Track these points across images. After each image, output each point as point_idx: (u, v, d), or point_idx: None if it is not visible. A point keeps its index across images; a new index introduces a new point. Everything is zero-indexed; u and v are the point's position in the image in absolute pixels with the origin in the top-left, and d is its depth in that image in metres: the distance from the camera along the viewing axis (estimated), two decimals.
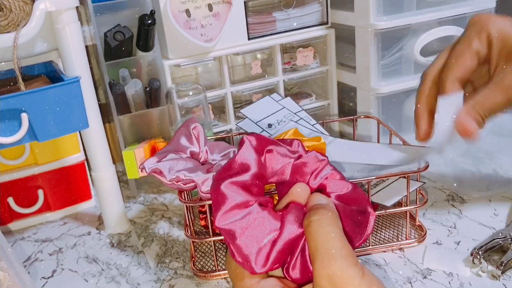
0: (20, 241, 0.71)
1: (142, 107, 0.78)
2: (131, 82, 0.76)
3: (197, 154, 0.58)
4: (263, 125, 0.67)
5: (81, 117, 0.59)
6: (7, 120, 0.54)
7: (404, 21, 0.77)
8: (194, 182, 0.53)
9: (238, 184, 0.41)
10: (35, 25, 0.57)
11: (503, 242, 0.54)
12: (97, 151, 0.66)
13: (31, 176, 0.73)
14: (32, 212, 0.74)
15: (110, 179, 0.68)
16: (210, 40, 0.75)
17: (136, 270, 0.61)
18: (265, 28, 0.80)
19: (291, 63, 0.86)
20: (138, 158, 0.66)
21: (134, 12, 0.74)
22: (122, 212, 0.70)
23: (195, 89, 0.74)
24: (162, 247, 0.65)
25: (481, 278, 0.52)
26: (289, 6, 0.80)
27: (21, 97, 0.54)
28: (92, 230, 0.71)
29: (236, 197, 0.40)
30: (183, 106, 0.74)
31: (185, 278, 0.58)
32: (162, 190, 0.81)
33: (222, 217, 0.39)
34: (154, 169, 0.54)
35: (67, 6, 0.58)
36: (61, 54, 0.61)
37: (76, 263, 0.64)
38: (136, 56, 0.77)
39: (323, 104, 0.90)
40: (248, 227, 0.39)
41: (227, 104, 0.83)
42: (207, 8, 0.74)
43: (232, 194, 0.40)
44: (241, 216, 0.39)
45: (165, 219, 0.72)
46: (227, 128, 0.84)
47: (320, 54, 0.87)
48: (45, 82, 0.63)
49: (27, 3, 0.57)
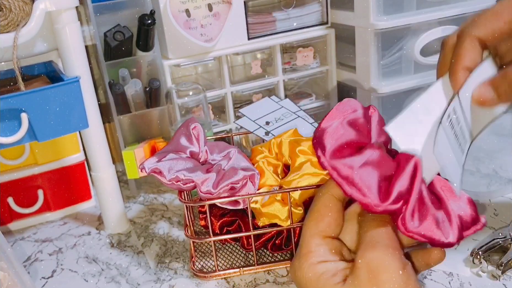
0: (20, 241, 0.71)
1: (142, 107, 0.77)
2: (131, 82, 0.76)
3: (197, 154, 0.58)
4: (261, 122, 0.67)
5: (81, 117, 0.59)
6: (7, 120, 0.54)
7: (404, 21, 0.77)
8: (194, 182, 0.53)
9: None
10: (34, 25, 0.57)
11: (503, 242, 0.54)
12: (97, 151, 0.66)
13: (31, 176, 0.73)
14: (32, 212, 0.74)
15: (110, 179, 0.68)
16: (210, 40, 0.75)
17: (136, 270, 0.61)
18: (265, 28, 0.80)
19: (291, 63, 0.86)
20: (138, 158, 0.66)
21: (134, 12, 0.74)
22: (122, 212, 0.70)
23: (195, 89, 0.74)
24: (162, 247, 0.65)
25: (481, 278, 0.52)
26: (289, 6, 0.80)
27: (21, 97, 0.54)
28: (92, 230, 0.71)
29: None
30: (183, 106, 0.74)
31: (185, 278, 0.58)
32: (162, 190, 0.81)
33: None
34: (153, 169, 0.54)
35: (67, 6, 0.58)
36: (61, 54, 0.61)
37: (76, 263, 0.64)
38: (136, 56, 0.77)
39: (323, 104, 0.90)
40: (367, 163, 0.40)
41: (227, 104, 0.83)
42: (207, 8, 0.74)
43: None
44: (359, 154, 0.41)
45: (165, 219, 0.72)
46: (227, 128, 0.84)
47: (320, 54, 0.87)
48: (45, 82, 0.63)
49: (27, 3, 0.57)
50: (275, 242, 0.59)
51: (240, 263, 0.59)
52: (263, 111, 0.69)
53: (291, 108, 0.70)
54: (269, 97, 0.72)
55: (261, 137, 0.65)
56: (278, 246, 0.59)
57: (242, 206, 0.54)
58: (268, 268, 0.58)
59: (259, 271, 0.58)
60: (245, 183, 0.54)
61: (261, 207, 0.55)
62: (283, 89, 0.85)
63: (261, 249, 0.61)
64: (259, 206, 0.55)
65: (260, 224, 0.56)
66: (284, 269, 0.58)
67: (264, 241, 0.59)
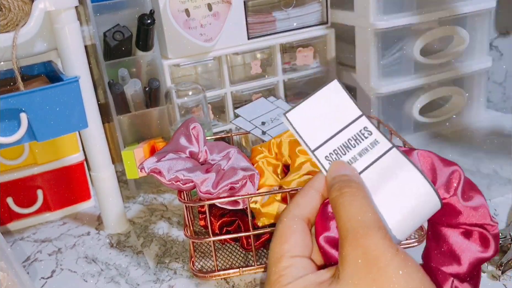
0: (20, 241, 0.71)
1: (142, 107, 0.77)
2: (130, 82, 0.76)
3: (196, 154, 0.58)
4: (257, 123, 0.67)
5: (80, 117, 0.59)
6: (6, 120, 0.54)
7: (404, 21, 0.77)
8: (193, 182, 0.53)
9: None
10: (34, 24, 0.57)
11: (503, 242, 0.54)
12: (97, 151, 0.66)
13: (30, 176, 0.73)
14: (32, 212, 0.74)
15: (110, 179, 0.68)
16: (209, 40, 0.75)
17: (136, 270, 0.61)
18: (265, 27, 0.80)
19: (291, 63, 0.86)
20: (138, 158, 0.66)
21: (133, 12, 0.74)
22: (121, 212, 0.70)
23: (194, 89, 0.74)
24: (161, 247, 0.65)
25: (481, 278, 0.52)
26: (289, 5, 0.80)
27: (20, 97, 0.54)
28: (91, 230, 0.71)
29: None
30: (182, 106, 0.74)
31: (185, 278, 0.58)
32: (162, 190, 0.81)
33: None
34: (153, 169, 0.54)
35: (67, 6, 0.58)
36: (60, 54, 0.61)
37: (76, 263, 0.64)
38: (136, 56, 0.77)
39: None
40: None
41: (226, 104, 0.83)
42: (207, 7, 0.73)
43: None
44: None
45: (165, 219, 0.72)
46: (227, 128, 0.84)
47: (320, 54, 0.87)
48: (44, 82, 0.63)
49: (26, 2, 0.57)
50: None
51: (239, 263, 0.59)
52: (258, 111, 0.69)
53: (286, 108, 0.70)
54: (265, 98, 0.73)
55: (259, 136, 0.65)
56: None
57: (242, 206, 0.54)
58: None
59: (259, 271, 0.58)
60: (245, 183, 0.54)
61: (261, 207, 0.55)
62: (283, 89, 0.85)
63: (260, 249, 0.61)
64: (259, 206, 0.55)
65: (259, 224, 0.56)
66: None
67: (263, 241, 0.59)
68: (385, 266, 0.33)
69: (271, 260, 0.37)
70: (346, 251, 0.34)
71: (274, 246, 0.38)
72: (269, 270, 0.37)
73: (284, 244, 0.37)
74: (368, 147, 0.39)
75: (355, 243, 0.33)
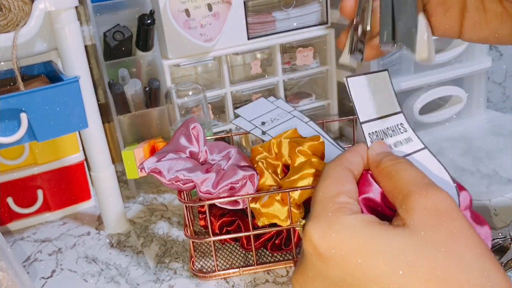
0: (20, 241, 0.71)
1: (142, 107, 0.77)
2: (130, 82, 0.76)
3: (196, 154, 0.58)
4: (257, 123, 0.67)
5: (80, 117, 0.59)
6: (6, 120, 0.54)
7: None
8: (193, 182, 0.53)
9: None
10: (34, 25, 0.57)
11: (503, 242, 0.54)
12: (97, 151, 0.66)
13: (30, 176, 0.73)
14: (32, 212, 0.74)
15: (110, 179, 0.68)
16: (209, 40, 0.75)
17: (136, 270, 0.61)
18: (265, 28, 0.80)
19: (291, 63, 0.86)
20: (138, 158, 0.66)
21: (133, 12, 0.74)
22: (121, 212, 0.70)
23: (194, 89, 0.74)
24: (161, 247, 0.65)
25: None
26: (288, 5, 0.80)
27: (20, 97, 0.54)
28: (91, 230, 0.71)
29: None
30: (182, 106, 0.74)
31: (185, 278, 0.58)
32: (162, 190, 0.81)
33: None
34: (153, 169, 0.54)
35: (67, 6, 0.58)
36: (60, 54, 0.61)
37: (76, 263, 0.64)
38: (136, 56, 0.77)
39: (323, 104, 0.90)
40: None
41: (226, 104, 0.83)
42: (207, 8, 0.74)
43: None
44: None
45: (165, 219, 0.72)
46: (227, 128, 0.84)
47: (320, 54, 0.87)
48: (44, 82, 0.63)
49: (26, 2, 0.57)
50: (275, 242, 0.58)
51: (239, 263, 0.59)
52: (258, 111, 0.69)
53: (286, 108, 0.70)
54: (265, 98, 0.72)
55: (259, 136, 0.65)
56: (277, 246, 0.59)
57: (242, 206, 0.54)
58: (268, 268, 0.58)
59: (259, 271, 0.58)
60: (245, 183, 0.54)
61: (261, 207, 0.55)
62: (283, 89, 0.85)
63: (260, 249, 0.61)
64: (259, 206, 0.55)
65: (259, 224, 0.56)
66: (284, 269, 0.58)
67: (263, 241, 0.59)
68: (457, 217, 0.33)
69: (326, 195, 0.37)
70: (414, 201, 0.34)
71: (329, 185, 0.38)
72: (322, 204, 0.37)
73: (342, 186, 0.38)
74: (403, 141, 0.41)
75: (424, 194, 0.34)
